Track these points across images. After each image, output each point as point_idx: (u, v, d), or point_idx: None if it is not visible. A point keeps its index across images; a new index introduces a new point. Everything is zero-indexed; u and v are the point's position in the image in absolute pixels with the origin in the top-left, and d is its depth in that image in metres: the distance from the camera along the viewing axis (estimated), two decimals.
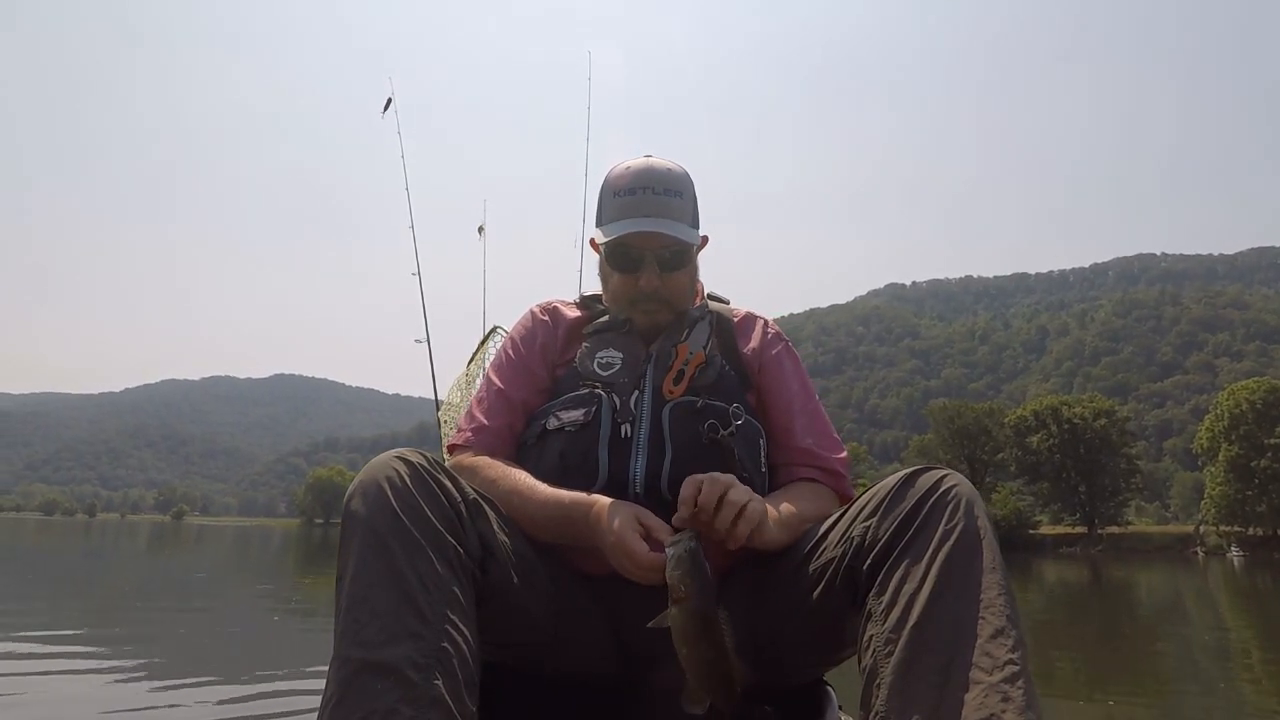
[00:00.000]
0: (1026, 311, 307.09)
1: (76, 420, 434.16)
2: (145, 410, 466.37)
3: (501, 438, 1.37)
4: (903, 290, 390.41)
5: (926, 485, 1.06)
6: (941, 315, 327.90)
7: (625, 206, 1.35)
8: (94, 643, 4.89)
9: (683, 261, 1.38)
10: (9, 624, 5.48)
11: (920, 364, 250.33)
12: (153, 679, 3.94)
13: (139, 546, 24.37)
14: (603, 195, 1.40)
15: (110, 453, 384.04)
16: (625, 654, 1.24)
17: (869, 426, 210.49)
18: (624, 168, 1.39)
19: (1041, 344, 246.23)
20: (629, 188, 1.35)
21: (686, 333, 1.38)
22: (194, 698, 3.55)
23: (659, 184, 1.35)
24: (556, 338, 1.45)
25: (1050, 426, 52.06)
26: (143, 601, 8.10)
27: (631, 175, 1.37)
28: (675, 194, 1.36)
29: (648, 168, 1.37)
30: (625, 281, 1.37)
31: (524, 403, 1.39)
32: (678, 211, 1.36)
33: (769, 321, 1.52)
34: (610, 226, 1.36)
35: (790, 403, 1.41)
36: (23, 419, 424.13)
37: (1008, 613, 0.95)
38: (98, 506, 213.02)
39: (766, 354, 1.45)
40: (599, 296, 1.51)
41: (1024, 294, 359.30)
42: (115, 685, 3.72)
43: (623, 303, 1.40)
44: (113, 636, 5.23)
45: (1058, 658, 6.10)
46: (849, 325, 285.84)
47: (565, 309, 1.50)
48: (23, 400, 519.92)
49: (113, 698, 3.45)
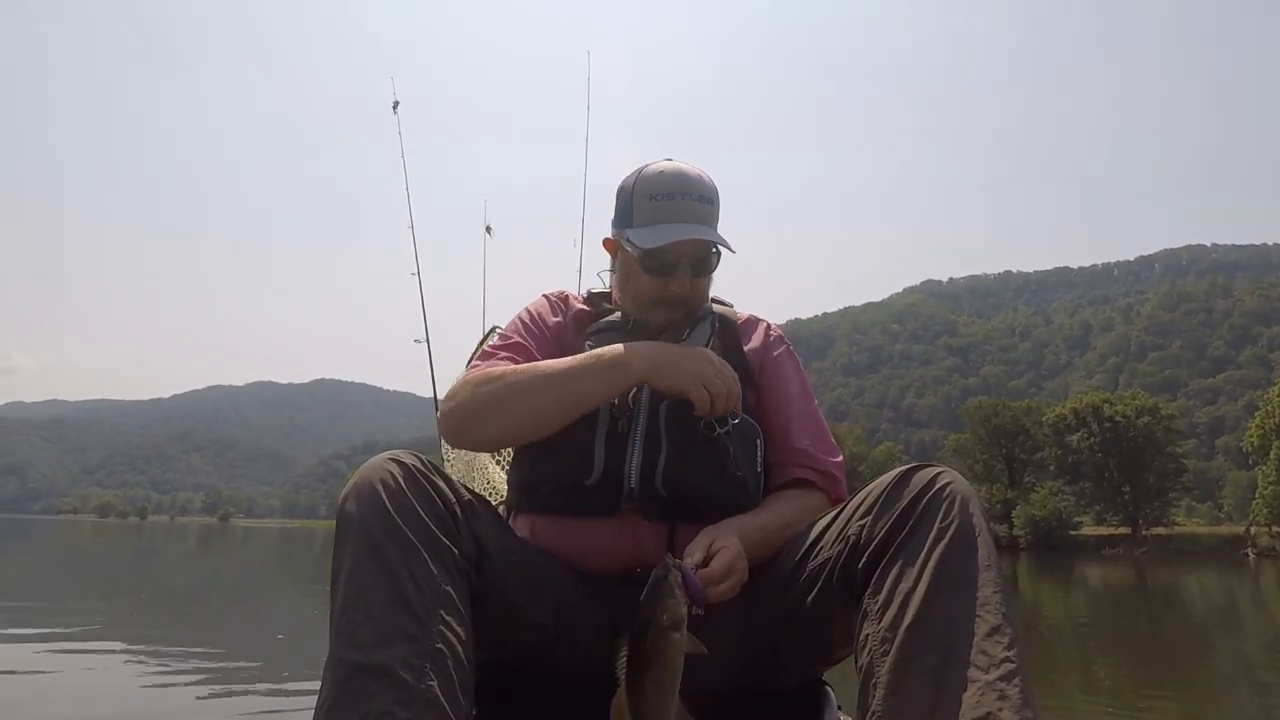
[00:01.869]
0: (1069, 306, 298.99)
1: (128, 426, 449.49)
2: (193, 416, 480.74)
3: None
4: (939, 287, 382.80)
5: (921, 483, 1.06)
6: (980, 311, 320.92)
7: (665, 211, 1.33)
8: (147, 640, 5.10)
9: (711, 268, 1.39)
10: (70, 622, 5.73)
11: (958, 361, 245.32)
12: (201, 674, 4.10)
13: (188, 548, 25.13)
14: (634, 196, 1.37)
15: (160, 457, 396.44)
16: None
17: (905, 425, 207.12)
18: (657, 171, 1.37)
19: (1085, 340, 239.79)
20: (667, 192, 1.34)
21: (688, 332, 1.39)
22: (242, 692, 3.72)
23: (695, 190, 1.35)
24: (566, 324, 1.46)
25: (1091, 425, 50.64)
26: (192, 601, 8.39)
27: (669, 178, 1.35)
28: (709, 201, 1.36)
29: (683, 173, 1.36)
30: (655, 284, 1.36)
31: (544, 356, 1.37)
32: (711, 218, 1.36)
33: (771, 325, 1.53)
34: (649, 230, 1.33)
35: (789, 404, 1.42)
36: (79, 425, 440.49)
37: (1003, 610, 0.95)
38: (149, 509, 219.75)
39: (768, 355, 1.46)
40: (606, 295, 1.51)
41: (1066, 288, 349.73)
42: (166, 681, 3.89)
43: (645, 304, 1.38)
44: (162, 635, 5.45)
45: (1103, 663, 5.98)
46: (884, 323, 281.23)
47: (575, 301, 1.51)
48: (78, 407, 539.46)
49: (165, 693, 3.61)
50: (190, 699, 3.53)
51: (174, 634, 5.65)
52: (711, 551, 1.12)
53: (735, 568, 1.11)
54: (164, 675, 4.03)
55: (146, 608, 7.24)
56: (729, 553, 1.11)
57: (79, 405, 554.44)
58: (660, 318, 1.38)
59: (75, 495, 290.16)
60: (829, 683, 1.31)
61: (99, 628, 5.40)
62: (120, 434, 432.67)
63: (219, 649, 5.15)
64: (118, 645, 4.83)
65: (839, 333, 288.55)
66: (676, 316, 1.39)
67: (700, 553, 1.11)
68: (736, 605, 1.18)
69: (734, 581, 1.11)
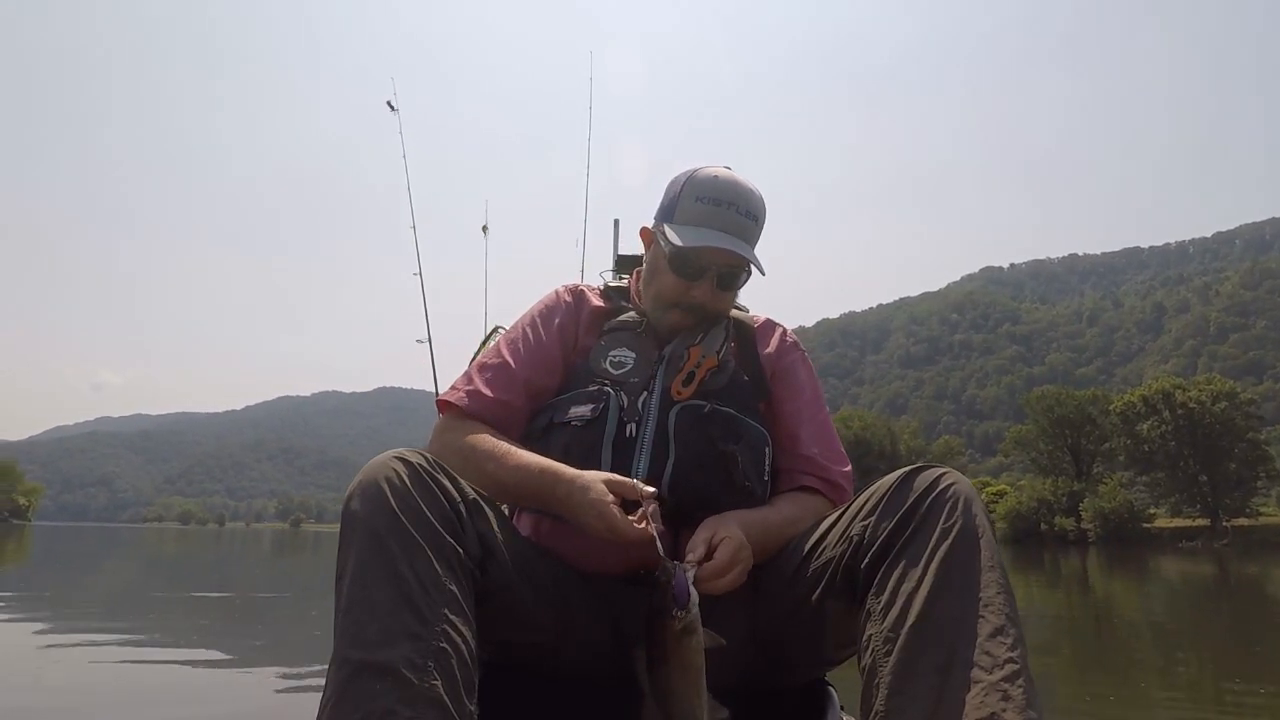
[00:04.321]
0: (1140, 288, 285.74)
1: (205, 437, 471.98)
2: (264, 426, 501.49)
3: (491, 410, 1.35)
4: (1000, 273, 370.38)
5: (925, 484, 1.06)
6: (1044, 297, 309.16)
7: (708, 215, 1.32)
8: (226, 636, 5.37)
9: (739, 283, 1.39)
10: (159, 625, 6.09)
11: (1022, 350, 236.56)
12: (282, 668, 4.30)
13: (264, 551, 26.21)
14: (683, 193, 1.36)
15: (235, 466, 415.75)
16: (625, 654, 1.23)
17: (967, 418, 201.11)
18: (711, 175, 1.36)
19: (1158, 323, 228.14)
20: (715, 198, 1.33)
21: (701, 336, 1.37)
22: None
23: (743, 204, 1.33)
24: (578, 321, 1.44)
25: (1162, 412, 48.17)
26: (273, 604, 8.78)
27: (720, 186, 1.34)
28: (754, 218, 1.35)
29: (735, 183, 1.35)
30: (679, 286, 1.35)
31: (527, 381, 1.37)
32: (752, 236, 1.35)
33: (787, 330, 1.52)
34: (687, 230, 1.33)
35: (800, 410, 1.42)
36: (161, 438, 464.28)
37: (1007, 611, 0.95)
38: (226, 516, 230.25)
39: (781, 361, 1.46)
40: (624, 290, 1.51)
41: (1136, 269, 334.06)
42: (247, 676, 4.09)
43: (665, 303, 1.38)
44: (247, 635, 5.73)
45: (1182, 658, 5.72)
46: (942, 313, 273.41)
47: (590, 295, 1.49)
48: (160, 420, 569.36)
49: (248, 690, 3.80)
50: (269, 692, 3.71)
51: (256, 632, 5.93)
52: (714, 544, 1.12)
53: (739, 558, 1.11)
54: (245, 672, 4.23)
55: (235, 609, 7.59)
56: (732, 543, 1.11)
57: (161, 418, 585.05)
58: (675, 320, 1.38)
59: (160, 504, 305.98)
60: (832, 683, 1.30)
61: (192, 631, 5.71)
62: (198, 444, 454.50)
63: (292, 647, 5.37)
64: (209, 645, 5.10)
65: (895, 324, 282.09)
66: (690, 322, 1.38)
67: (702, 547, 1.11)
68: (739, 604, 1.18)
69: (739, 571, 1.11)
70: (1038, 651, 5.31)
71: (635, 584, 1.17)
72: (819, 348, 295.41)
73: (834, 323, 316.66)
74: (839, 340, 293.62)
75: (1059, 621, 7.53)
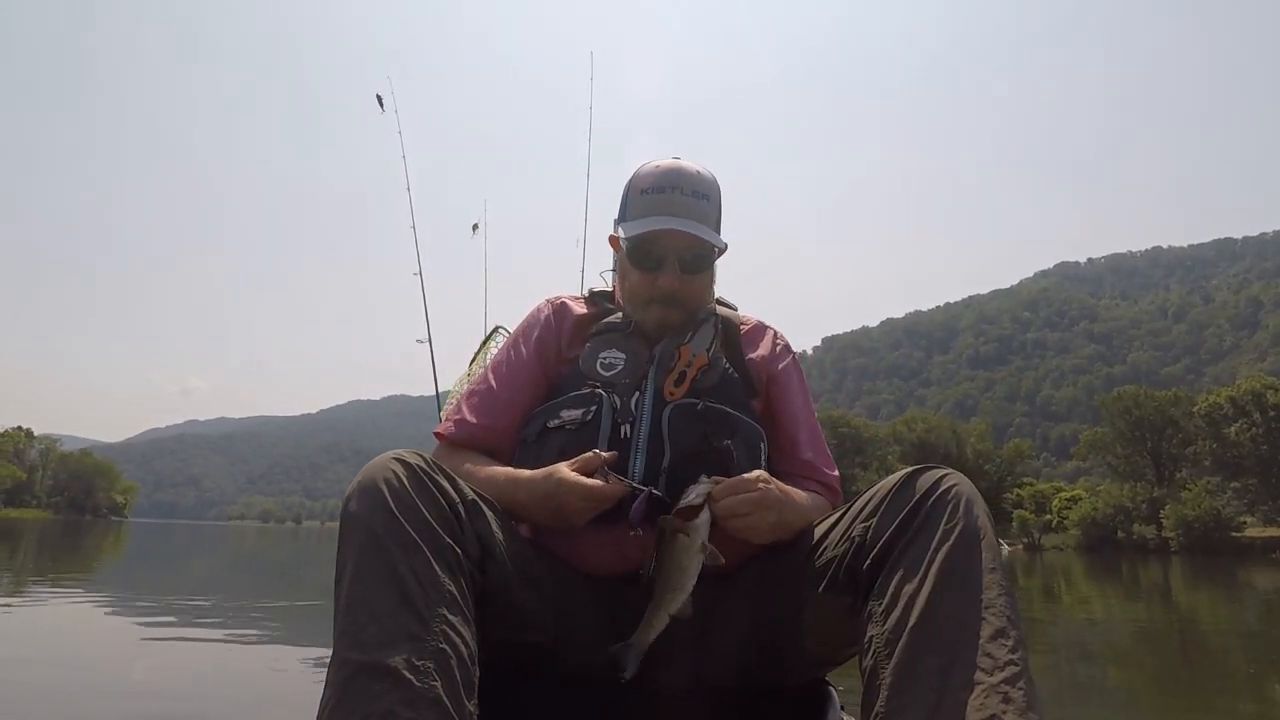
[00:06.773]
0: (1233, 282, 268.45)
1: (283, 439, 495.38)
2: (337, 428, 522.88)
3: (478, 435, 1.38)
4: (1076, 269, 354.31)
5: (927, 485, 1.06)
6: (1124, 293, 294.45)
7: (651, 204, 1.34)
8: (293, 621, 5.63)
9: (703, 265, 1.38)
10: (239, 615, 6.42)
11: (1101, 349, 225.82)
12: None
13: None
14: (628, 192, 1.39)
15: (311, 467, 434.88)
16: None
17: (1041, 420, 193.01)
18: (652, 166, 1.38)
19: (1254, 318, 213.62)
20: (656, 186, 1.34)
21: (690, 335, 1.37)
22: None
23: (687, 185, 1.34)
24: (561, 333, 1.45)
25: (1252, 414, 45.22)
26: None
27: (659, 174, 1.36)
28: (702, 197, 1.35)
29: (677, 168, 1.36)
30: (644, 280, 1.36)
31: (510, 401, 1.39)
32: (704, 214, 1.35)
33: (778, 333, 1.53)
34: (634, 223, 1.35)
35: (796, 416, 1.44)
36: (243, 440, 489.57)
37: (1008, 613, 0.95)
38: (303, 515, 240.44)
39: (775, 366, 1.46)
40: (608, 294, 1.51)
41: (1229, 261, 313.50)
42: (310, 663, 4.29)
43: (639, 301, 1.39)
44: (316, 626, 5.99)
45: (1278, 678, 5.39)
46: (1014, 311, 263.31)
47: (573, 305, 1.50)
48: (242, 423, 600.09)
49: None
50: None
51: (321, 626, 6.20)
52: (751, 478, 1.16)
53: (763, 493, 1.14)
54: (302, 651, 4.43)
55: (309, 598, 7.94)
56: (761, 478, 1.16)
57: (242, 421, 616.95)
58: (655, 316, 1.37)
59: (243, 503, 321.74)
60: (832, 683, 1.30)
61: (278, 625, 6.00)
62: (277, 446, 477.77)
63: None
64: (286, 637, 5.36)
65: (963, 323, 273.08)
66: (672, 317, 1.38)
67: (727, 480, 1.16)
68: (739, 604, 1.20)
69: (757, 507, 1.14)
70: (1118, 666, 5.09)
71: (634, 585, 1.18)
72: (883, 347, 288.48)
73: (899, 322, 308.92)
74: (904, 340, 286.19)
75: (1140, 635, 7.18)
